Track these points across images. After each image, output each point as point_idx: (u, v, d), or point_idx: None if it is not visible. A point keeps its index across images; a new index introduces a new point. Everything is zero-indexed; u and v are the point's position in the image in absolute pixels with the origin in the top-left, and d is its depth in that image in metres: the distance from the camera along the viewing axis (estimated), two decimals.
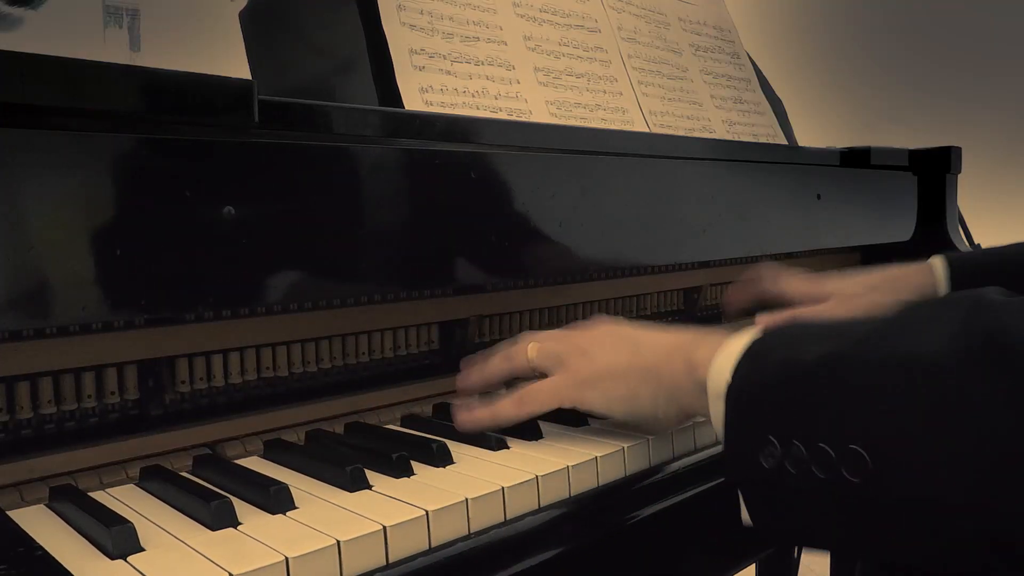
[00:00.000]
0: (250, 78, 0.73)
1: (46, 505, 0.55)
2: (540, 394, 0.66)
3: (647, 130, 1.04)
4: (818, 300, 0.97)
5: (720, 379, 0.55)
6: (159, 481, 0.57)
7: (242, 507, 0.52)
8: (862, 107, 3.16)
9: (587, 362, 0.65)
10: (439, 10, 0.88)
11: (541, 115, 0.92)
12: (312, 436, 0.69)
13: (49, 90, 0.50)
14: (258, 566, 0.44)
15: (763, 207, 1.07)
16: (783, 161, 1.15)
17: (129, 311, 0.56)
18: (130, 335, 0.60)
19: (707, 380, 0.57)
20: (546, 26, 0.99)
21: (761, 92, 1.30)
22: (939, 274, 0.97)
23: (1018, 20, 3.00)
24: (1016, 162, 3.04)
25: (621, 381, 0.64)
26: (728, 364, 0.55)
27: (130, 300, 0.53)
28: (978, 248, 1.43)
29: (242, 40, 0.92)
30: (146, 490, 0.58)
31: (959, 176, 1.41)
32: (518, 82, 0.92)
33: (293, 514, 0.51)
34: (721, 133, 1.17)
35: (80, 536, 0.50)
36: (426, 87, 0.83)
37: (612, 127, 1.00)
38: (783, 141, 1.28)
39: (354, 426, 0.71)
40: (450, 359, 0.81)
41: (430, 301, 0.79)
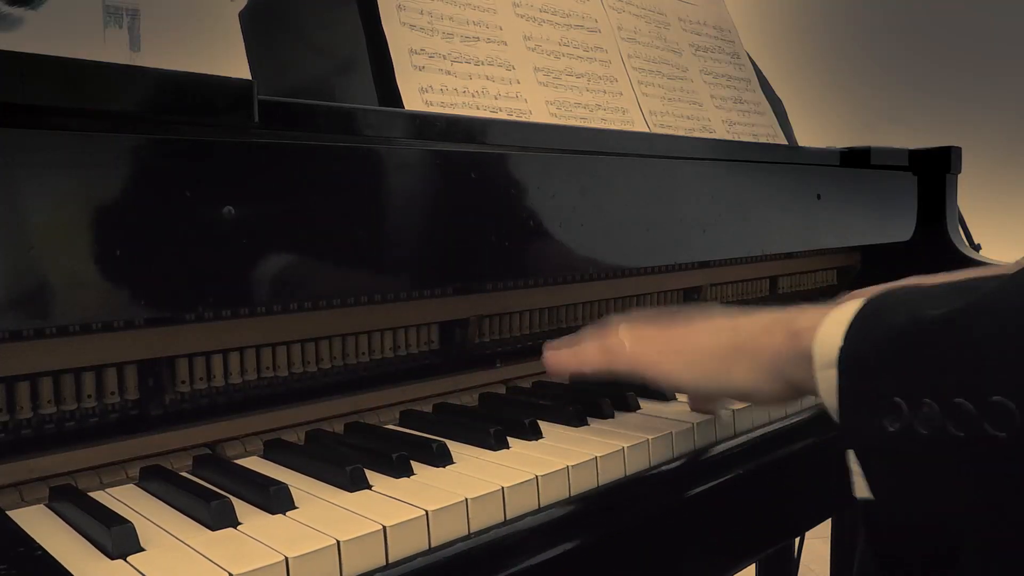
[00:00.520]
0: (250, 78, 0.73)
1: (46, 505, 0.55)
2: (625, 354, 0.65)
3: (647, 130, 1.04)
4: None
5: (830, 346, 0.53)
6: (159, 481, 0.57)
7: (242, 507, 0.52)
8: (862, 107, 3.16)
9: (681, 336, 0.65)
10: (439, 10, 0.88)
11: (541, 115, 0.92)
12: (312, 436, 0.69)
13: (49, 90, 0.50)
14: (258, 566, 0.44)
15: (763, 207, 1.07)
16: (783, 161, 1.14)
17: (129, 311, 0.56)
18: (130, 335, 0.60)
19: (813, 348, 0.55)
20: (546, 26, 0.99)
21: (761, 92, 1.30)
22: None
23: (1018, 20, 3.00)
24: (1016, 162, 3.04)
25: (716, 358, 0.62)
26: (838, 330, 0.53)
27: (130, 300, 0.53)
28: (979, 248, 1.43)
29: (242, 40, 0.92)
30: (146, 490, 0.58)
31: (959, 176, 1.41)
32: (518, 82, 0.92)
33: (293, 514, 0.51)
34: (721, 133, 1.17)
35: (80, 536, 0.50)
36: (426, 87, 0.83)
37: (612, 127, 1.00)
38: (783, 141, 1.28)
39: (354, 426, 0.71)
40: (450, 359, 0.81)
41: (430, 301, 0.79)
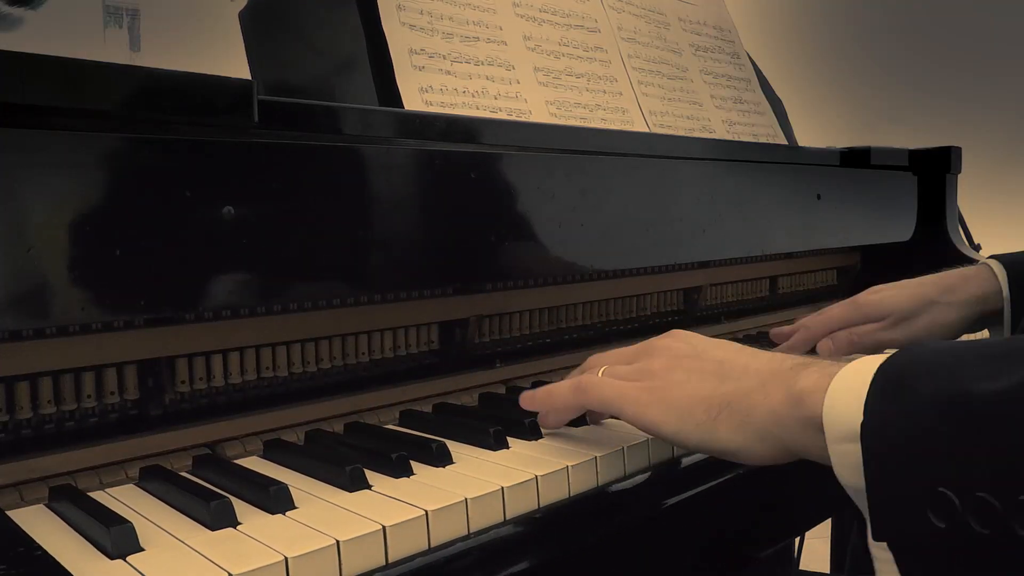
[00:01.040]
0: (250, 78, 0.73)
1: (46, 505, 0.55)
2: (603, 389, 0.60)
3: (647, 130, 1.04)
4: (865, 321, 0.92)
5: (847, 417, 0.47)
6: (159, 481, 0.57)
7: (242, 507, 0.52)
8: (862, 107, 3.16)
9: (662, 382, 0.59)
10: (439, 10, 0.88)
11: (541, 115, 0.92)
12: (312, 436, 0.69)
13: (49, 90, 0.50)
14: (257, 566, 0.44)
15: (763, 207, 1.07)
16: (783, 161, 1.15)
17: (129, 311, 0.56)
18: (130, 335, 0.60)
19: (823, 417, 0.48)
20: (546, 26, 0.99)
21: (761, 92, 1.30)
22: (1001, 278, 0.90)
23: (1018, 20, 3.00)
24: (1016, 162, 3.04)
25: (700, 408, 0.56)
26: (852, 398, 0.47)
27: (130, 300, 0.54)
28: (979, 248, 1.43)
29: (242, 40, 0.92)
30: (146, 490, 0.58)
31: (959, 176, 1.41)
32: (518, 82, 0.92)
33: (292, 514, 0.51)
34: (721, 133, 1.17)
35: (80, 536, 0.50)
36: (426, 87, 0.83)
37: (612, 127, 1.00)
38: (783, 141, 1.28)
39: (354, 426, 0.71)
40: (450, 359, 0.81)
41: (430, 301, 0.79)
